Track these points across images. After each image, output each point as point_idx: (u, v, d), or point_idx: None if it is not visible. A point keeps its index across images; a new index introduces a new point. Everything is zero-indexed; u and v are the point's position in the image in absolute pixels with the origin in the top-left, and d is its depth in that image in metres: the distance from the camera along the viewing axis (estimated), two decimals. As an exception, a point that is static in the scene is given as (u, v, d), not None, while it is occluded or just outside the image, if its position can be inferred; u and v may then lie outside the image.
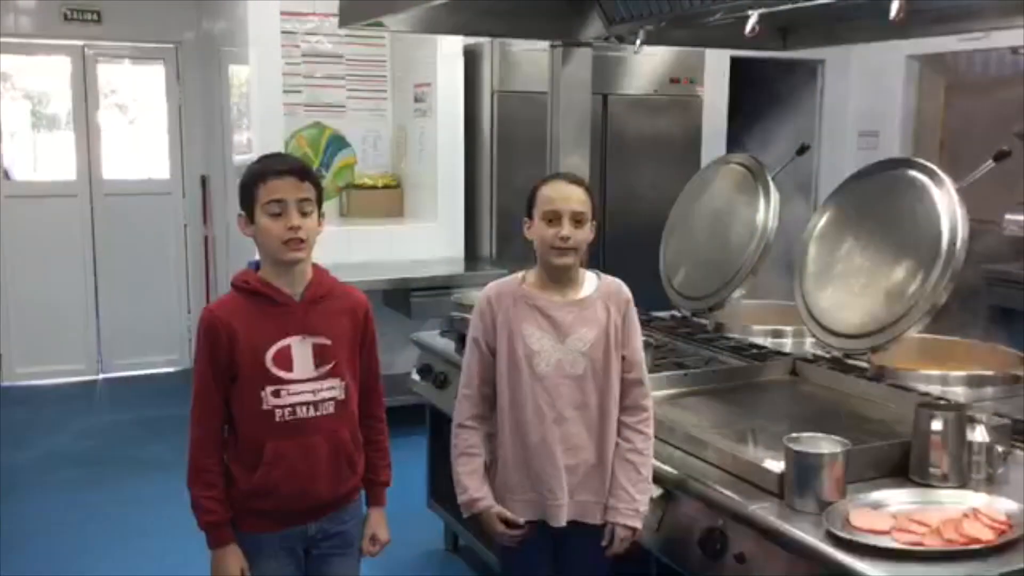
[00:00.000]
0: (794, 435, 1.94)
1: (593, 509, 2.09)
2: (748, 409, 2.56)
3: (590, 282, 2.15)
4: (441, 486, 3.42)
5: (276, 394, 2.01)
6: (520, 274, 2.18)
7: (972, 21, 3.47)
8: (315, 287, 2.07)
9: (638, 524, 2.08)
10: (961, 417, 1.97)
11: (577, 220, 2.06)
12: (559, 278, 2.11)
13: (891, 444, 2.05)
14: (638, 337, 2.17)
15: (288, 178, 1.98)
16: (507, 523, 2.09)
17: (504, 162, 5.22)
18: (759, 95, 7.03)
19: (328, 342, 2.06)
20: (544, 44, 3.83)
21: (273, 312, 2.03)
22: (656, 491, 2.13)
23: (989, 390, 2.73)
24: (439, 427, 3.39)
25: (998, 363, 2.96)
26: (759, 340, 3.33)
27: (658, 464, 2.17)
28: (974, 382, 2.75)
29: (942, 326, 3.27)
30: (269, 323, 2.02)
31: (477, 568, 3.59)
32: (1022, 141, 5.38)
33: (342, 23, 3.58)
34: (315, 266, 2.11)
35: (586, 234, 2.08)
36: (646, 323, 3.59)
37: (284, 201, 1.97)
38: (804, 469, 1.86)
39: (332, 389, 2.06)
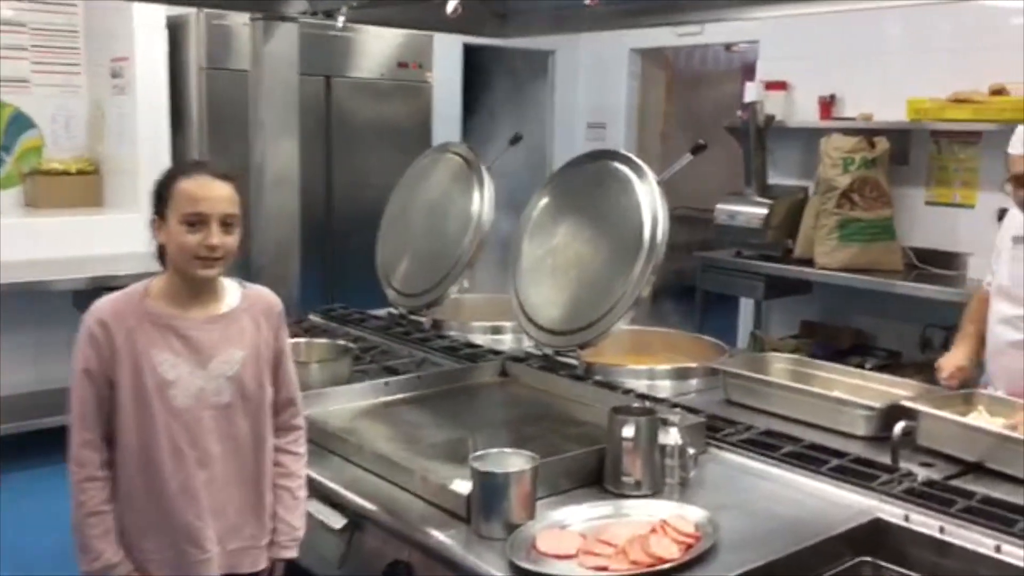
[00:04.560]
0: (480, 452, 1.77)
1: (250, 556, 1.80)
2: (452, 418, 2.38)
3: (232, 292, 1.83)
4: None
5: None
6: (140, 286, 1.80)
7: (681, 13, 3.52)
8: None
9: (296, 553, 1.84)
10: (653, 422, 1.89)
11: (227, 224, 1.73)
12: (198, 290, 1.78)
13: (587, 452, 1.94)
14: (290, 352, 1.91)
15: None
16: None
17: (217, 146, 4.76)
18: (494, 84, 7.00)
19: None
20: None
21: None
22: (339, 521, 1.89)
23: (693, 382, 2.74)
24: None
25: (701, 353, 2.99)
26: (477, 338, 3.19)
27: (342, 491, 1.93)
28: (679, 375, 2.76)
29: (655, 317, 3.30)
30: None
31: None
32: (732, 134, 5.67)
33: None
34: None
35: (236, 240, 1.76)
36: (360, 322, 3.36)
37: None
38: (489, 490, 1.69)
39: None
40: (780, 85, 5.46)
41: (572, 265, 2.79)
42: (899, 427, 1.98)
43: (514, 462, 1.74)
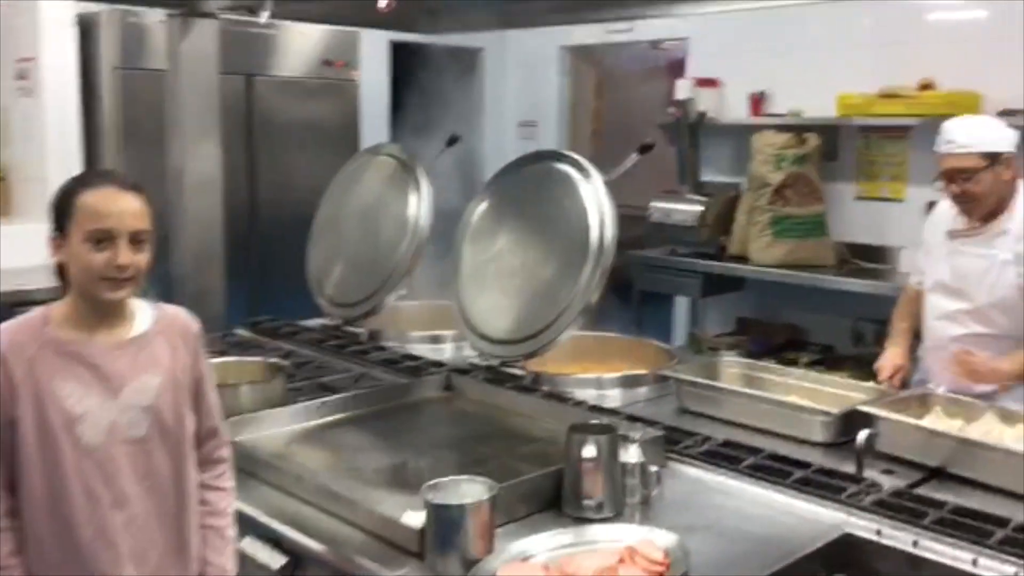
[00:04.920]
0: (433, 481, 1.64)
1: (174, 606, 1.64)
2: (396, 439, 2.25)
3: (143, 314, 1.65)
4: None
5: None
6: (39, 312, 1.61)
7: (616, 9, 3.44)
8: None
9: None
10: (614, 439, 1.79)
11: (137, 241, 1.56)
12: (104, 313, 1.60)
13: (544, 475, 1.83)
14: (211, 377, 1.74)
15: None
16: None
17: (132, 151, 4.49)
18: (423, 83, 6.84)
19: None
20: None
21: None
22: (279, 560, 1.75)
23: (643, 390, 2.66)
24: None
25: (648, 358, 2.92)
26: (417, 348, 3.06)
27: (280, 527, 1.78)
28: (628, 383, 2.68)
29: (593, 319, 3.21)
30: None
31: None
32: (664, 133, 5.64)
33: None
34: None
35: (147, 258, 1.58)
36: (291, 335, 3.20)
37: None
38: (444, 524, 1.57)
39: None
40: (711, 82, 5.45)
41: (516, 271, 2.68)
42: (863, 435, 1.92)
43: (470, 491, 1.62)
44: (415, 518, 1.63)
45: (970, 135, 2.49)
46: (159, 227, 1.64)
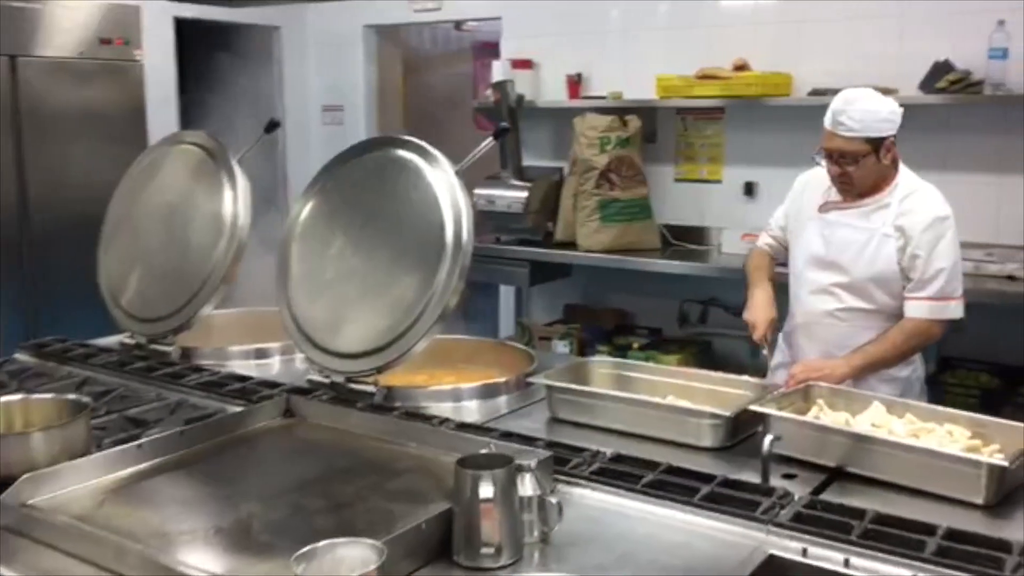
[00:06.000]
0: (303, 550, 1.32)
1: None
2: (237, 485, 1.87)
3: None
4: None
5: None
6: None
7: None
8: None
9: None
10: (511, 473, 1.53)
11: None
12: None
13: (432, 519, 1.54)
14: None
15: None
16: None
17: None
18: (215, 64, 6.27)
19: None
20: None
21: None
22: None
23: (504, 399, 2.43)
24: None
25: (505, 362, 2.69)
26: (239, 366, 2.68)
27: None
28: (488, 392, 2.44)
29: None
30: None
31: None
32: (484, 115, 5.44)
33: None
34: None
35: None
36: (85, 359, 2.71)
37: None
38: (327, 606, 1.26)
39: None
40: (526, 64, 5.28)
41: (359, 274, 2.36)
42: (768, 441, 1.77)
43: (352, 557, 1.32)
44: (283, 598, 1.31)
45: (859, 120, 2.41)
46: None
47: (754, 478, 1.82)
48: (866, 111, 2.42)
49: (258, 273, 3.12)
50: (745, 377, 2.31)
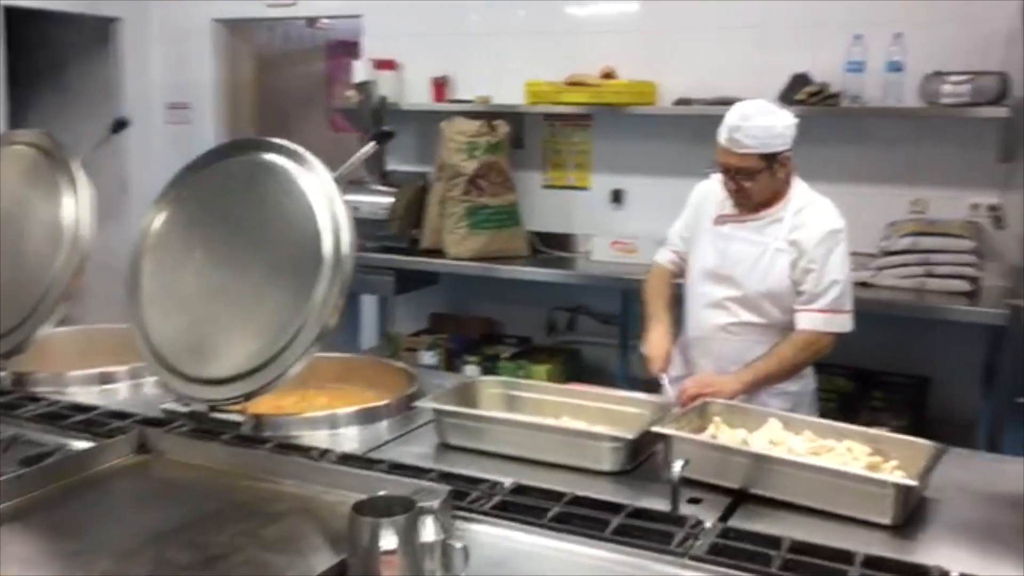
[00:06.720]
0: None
1: None
2: (88, 539, 1.61)
3: None
4: None
5: None
6: None
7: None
8: None
9: None
10: (413, 518, 1.38)
11: None
12: None
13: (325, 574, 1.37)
14: None
15: None
16: None
17: None
18: (46, 57, 5.77)
19: None
20: None
21: None
22: None
23: (384, 424, 2.26)
24: None
25: (382, 381, 2.52)
26: (81, 394, 2.40)
27: None
28: (367, 418, 2.26)
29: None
30: None
31: None
32: (346, 117, 5.23)
33: None
34: None
35: None
36: None
37: None
38: None
39: None
40: (389, 64, 5.10)
41: (222, 292, 2.12)
42: (678, 466, 1.68)
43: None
44: None
45: (754, 136, 2.38)
46: None
47: (659, 504, 1.73)
48: (761, 127, 2.39)
49: (99, 288, 2.84)
50: (639, 395, 2.23)
